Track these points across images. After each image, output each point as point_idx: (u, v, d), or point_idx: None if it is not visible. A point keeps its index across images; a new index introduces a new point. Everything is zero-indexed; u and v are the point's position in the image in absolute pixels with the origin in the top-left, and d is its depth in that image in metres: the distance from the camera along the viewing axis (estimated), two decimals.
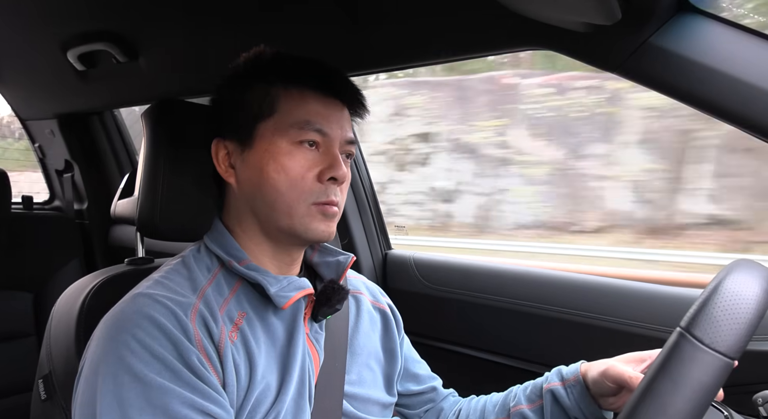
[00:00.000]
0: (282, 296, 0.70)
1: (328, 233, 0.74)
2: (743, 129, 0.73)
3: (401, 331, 0.95)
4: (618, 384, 0.77)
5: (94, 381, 0.60)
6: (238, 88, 0.76)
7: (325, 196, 0.72)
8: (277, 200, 0.71)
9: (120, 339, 0.61)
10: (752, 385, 0.76)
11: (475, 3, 0.87)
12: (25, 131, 2.17)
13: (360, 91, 0.79)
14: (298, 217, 0.72)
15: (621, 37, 0.78)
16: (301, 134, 0.72)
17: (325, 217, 0.73)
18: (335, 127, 0.74)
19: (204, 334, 0.64)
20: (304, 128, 0.72)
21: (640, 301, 1.17)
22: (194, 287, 0.70)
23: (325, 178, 0.72)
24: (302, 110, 0.72)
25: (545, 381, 0.87)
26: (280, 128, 0.72)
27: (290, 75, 0.74)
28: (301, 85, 0.74)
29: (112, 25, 1.32)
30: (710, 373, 0.50)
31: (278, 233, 0.74)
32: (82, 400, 0.61)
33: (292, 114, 0.72)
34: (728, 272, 0.54)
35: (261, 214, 0.74)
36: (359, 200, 1.61)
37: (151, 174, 0.91)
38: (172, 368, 0.60)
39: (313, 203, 0.72)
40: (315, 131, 0.72)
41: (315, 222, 0.72)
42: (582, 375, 0.83)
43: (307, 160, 0.72)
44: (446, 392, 0.99)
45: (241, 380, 0.66)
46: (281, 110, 0.73)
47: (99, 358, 0.61)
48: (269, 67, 0.75)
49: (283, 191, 0.71)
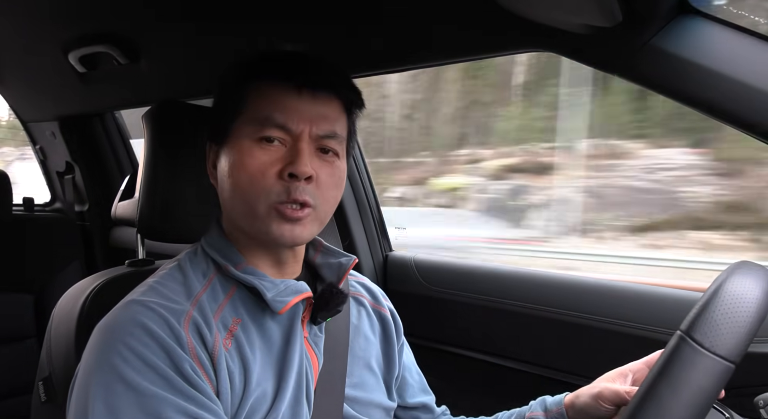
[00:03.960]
0: (279, 302, 0.69)
1: (291, 238, 0.69)
2: (744, 131, 0.73)
3: (401, 337, 0.93)
4: (616, 405, 0.76)
5: (86, 390, 0.59)
6: (221, 90, 0.76)
7: (286, 195, 0.67)
8: (239, 200, 0.69)
9: (112, 347, 0.60)
10: (754, 387, 0.76)
11: (475, 5, 0.87)
12: (26, 133, 2.18)
13: (348, 80, 0.75)
14: (258, 219, 0.68)
15: (622, 39, 0.78)
16: (262, 130, 0.68)
17: (284, 220, 0.68)
18: (303, 121, 0.69)
19: (197, 342, 0.64)
20: (264, 124, 0.69)
21: (641, 303, 1.17)
22: (188, 293, 0.69)
23: (285, 174, 0.67)
24: (266, 105, 0.69)
25: (528, 410, 0.87)
26: (245, 125, 0.70)
27: (259, 67, 0.72)
28: (271, 79, 0.70)
29: (113, 27, 1.32)
30: (710, 377, 0.50)
31: (250, 237, 0.72)
32: (75, 409, 0.60)
33: (257, 109, 0.70)
34: (729, 275, 0.54)
35: (234, 216, 0.72)
36: (360, 201, 1.61)
37: (151, 176, 0.91)
38: (165, 376, 0.60)
39: (274, 204, 0.67)
40: (275, 126, 0.69)
41: (273, 225, 0.68)
42: (566, 407, 0.83)
43: (268, 157, 0.68)
44: (439, 410, 0.97)
45: (236, 387, 0.65)
46: (249, 105, 0.70)
47: (91, 367, 0.61)
48: (247, 66, 0.73)
49: (244, 190, 0.68)
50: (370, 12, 1.01)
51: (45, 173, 2.25)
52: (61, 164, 2.13)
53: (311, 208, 0.69)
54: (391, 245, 1.68)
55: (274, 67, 0.72)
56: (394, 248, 1.68)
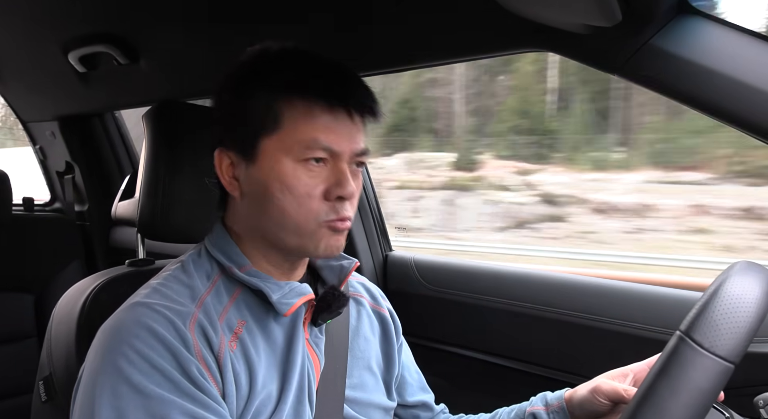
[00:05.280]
0: (284, 304, 0.69)
1: (338, 248, 0.72)
2: (743, 130, 0.73)
3: (400, 337, 0.94)
4: (612, 400, 0.76)
5: (92, 393, 0.59)
6: (239, 95, 0.71)
7: (335, 214, 0.69)
8: (284, 220, 0.69)
9: (118, 349, 0.60)
10: (753, 387, 0.76)
11: (475, 4, 0.87)
12: (26, 133, 2.18)
13: (373, 95, 0.73)
14: (307, 236, 0.69)
15: (621, 38, 0.78)
16: (308, 153, 0.67)
17: (335, 233, 0.70)
18: (344, 141, 0.69)
19: (203, 344, 0.64)
20: (311, 147, 0.67)
21: (640, 303, 1.17)
22: (193, 295, 0.68)
23: (333, 197, 0.68)
24: (309, 127, 0.67)
25: (529, 405, 0.87)
26: (284, 145, 0.67)
27: (295, 84, 0.68)
28: (307, 95, 0.68)
29: (113, 27, 1.32)
30: (709, 377, 0.49)
31: (288, 249, 0.72)
32: (81, 411, 0.60)
33: (298, 131, 0.67)
34: (729, 275, 0.54)
35: (269, 232, 0.71)
36: (360, 201, 1.61)
37: (152, 176, 0.91)
38: (172, 379, 0.59)
39: (324, 222, 0.69)
40: (322, 148, 0.68)
41: (325, 239, 0.70)
42: (566, 401, 0.83)
43: (313, 178, 0.68)
44: (438, 408, 0.98)
45: (242, 390, 0.65)
46: (286, 125, 0.68)
47: (97, 369, 0.60)
48: (272, 72, 0.70)
49: (290, 212, 0.68)
50: (370, 12, 1.01)
51: (45, 173, 2.24)
52: (61, 164, 2.13)
53: (349, 220, 0.72)
54: (391, 245, 1.68)
55: (310, 81, 0.68)
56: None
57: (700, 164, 3.61)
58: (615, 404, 0.77)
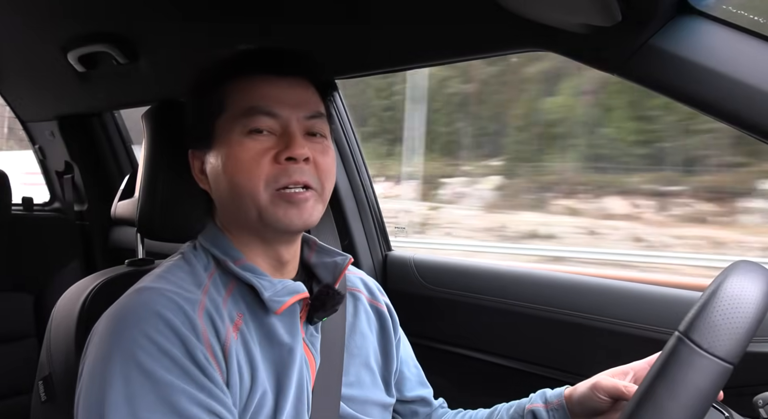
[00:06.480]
0: (276, 301, 0.69)
1: (301, 221, 0.70)
2: (743, 130, 0.73)
3: (398, 331, 0.93)
4: (612, 397, 0.76)
5: (102, 378, 0.59)
6: (196, 96, 0.76)
7: (287, 177, 0.68)
8: (239, 193, 0.69)
9: (127, 334, 0.60)
10: (753, 387, 0.76)
11: (474, 4, 0.87)
12: (25, 133, 2.18)
13: (317, 63, 0.76)
14: (264, 206, 0.68)
15: (621, 38, 0.78)
16: (251, 122, 0.69)
17: (290, 204, 0.68)
18: (286, 106, 0.70)
19: (211, 331, 0.64)
20: (252, 115, 0.69)
21: (641, 303, 1.17)
22: (197, 282, 0.69)
23: (282, 158, 0.68)
24: (248, 97, 0.70)
25: (529, 401, 0.87)
26: (231, 123, 0.70)
27: (234, 65, 0.73)
28: (248, 73, 0.72)
29: (112, 26, 1.32)
30: (708, 378, 0.49)
31: (259, 228, 0.72)
32: (88, 398, 0.60)
33: (240, 104, 0.70)
34: (727, 275, 0.53)
35: (236, 214, 0.72)
36: (359, 201, 1.61)
37: (151, 175, 0.91)
38: (181, 365, 0.60)
39: (277, 190, 0.68)
40: (264, 114, 0.69)
41: (280, 212, 0.68)
42: (566, 399, 0.83)
43: (261, 145, 0.69)
44: (436, 403, 0.98)
45: (244, 381, 0.65)
46: (230, 103, 0.71)
47: (105, 354, 0.60)
48: (221, 67, 0.74)
49: (242, 182, 0.68)
50: (369, 12, 1.01)
51: (44, 173, 2.24)
52: (60, 164, 2.13)
53: (313, 189, 0.70)
54: (390, 244, 1.68)
55: (248, 61, 0.73)
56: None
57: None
58: (615, 401, 0.76)
